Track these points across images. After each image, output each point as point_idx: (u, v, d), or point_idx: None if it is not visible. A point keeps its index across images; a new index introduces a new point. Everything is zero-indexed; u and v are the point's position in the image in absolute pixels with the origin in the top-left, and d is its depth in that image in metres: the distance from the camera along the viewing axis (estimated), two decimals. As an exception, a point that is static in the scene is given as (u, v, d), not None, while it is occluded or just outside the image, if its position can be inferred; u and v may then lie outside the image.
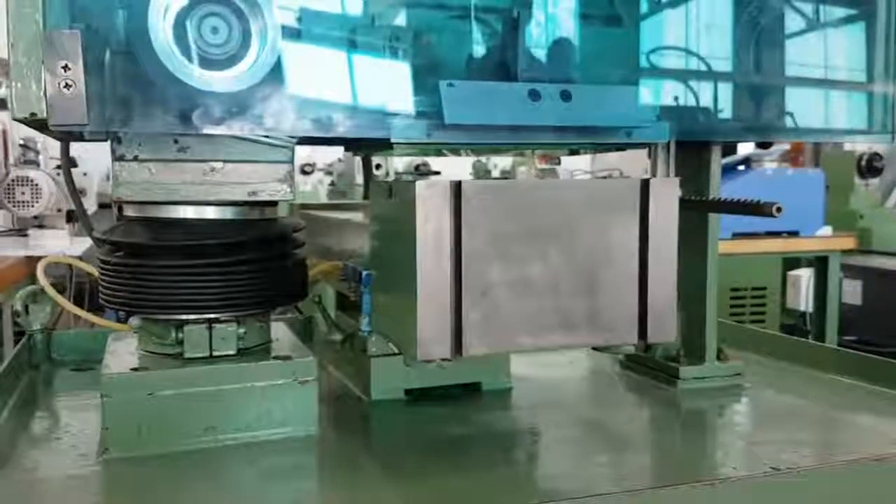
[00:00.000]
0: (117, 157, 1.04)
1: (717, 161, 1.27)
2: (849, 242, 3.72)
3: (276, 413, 1.09)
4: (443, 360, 0.93)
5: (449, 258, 0.92)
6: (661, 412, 1.28)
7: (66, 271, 3.57)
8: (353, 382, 1.36)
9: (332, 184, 6.28)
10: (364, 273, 1.08)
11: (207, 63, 0.88)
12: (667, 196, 1.00)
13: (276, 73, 0.90)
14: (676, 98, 1.10)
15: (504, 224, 0.94)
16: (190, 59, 0.88)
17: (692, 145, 1.25)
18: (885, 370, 1.39)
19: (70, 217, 3.88)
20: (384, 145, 0.98)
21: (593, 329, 0.99)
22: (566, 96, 0.96)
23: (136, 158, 1.04)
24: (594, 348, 1.06)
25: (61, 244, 3.63)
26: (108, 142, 1.05)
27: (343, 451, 1.10)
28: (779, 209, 1.03)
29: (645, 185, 0.99)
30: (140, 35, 0.86)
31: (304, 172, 6.46)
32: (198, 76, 0.87)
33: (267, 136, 1.04)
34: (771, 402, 1.34)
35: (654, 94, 1.08)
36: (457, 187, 0.92)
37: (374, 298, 1.08)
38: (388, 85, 0.98)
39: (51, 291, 1.42)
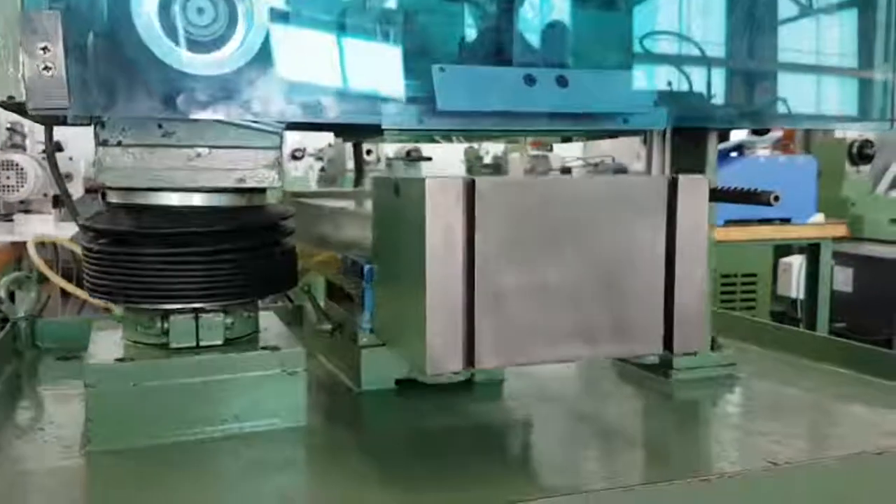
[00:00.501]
0: (101, 142, 1.01)
1: (713, 148, 1.25)
2: (841, 230, 3.72)
3: (264, 404, 1.07)
4: (454, 373, 0.88)
5: (461, 263, 0.86)
6: (655, 404, 1.27)
7: (52, 255, 3.53)
8: (343, 372, 1.34)
9: (323, 169, 6.24)
10: (366, 267, 1.04)
11: (192, 45, 0.85)
12: (696, 195, 0.93)
13: (263, 56, 0.87)
14: (674, 84, 1.07)
15: (520, 225, 0.88)
16: (174, 41, 0.85)
17: (688, 132, 1.23)
18: (875, 359, 1.39)
19: (56, 202, 3.83)
20: (374, 131, 0.95)
21: (616, 339, 0.92)
22: (562, 81, 0.93)
23: (119, 144, 1.01)
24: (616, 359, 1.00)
25: (47, 229, 3.59)
26: (92, 126, 1.02)
27: (332, 443, 1.08)
28: (776, 198, 1.01)
29: (673, 182, 0.93)
30: (122, 15, 0.83)
31: (294, 158, 6.41)
32: (182, 59, 0.84)
33: (254, 122, 1.02)
34: (764, 392, 1.33)
35: (652, 79, 1.05)
36: (470, 186, 0.86)
37: (376, 297, 1.03)
38: (378, 69, 0.95)
39: (42, 266, 1.40)
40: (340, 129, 1.22)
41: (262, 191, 1.13)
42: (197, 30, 0.86)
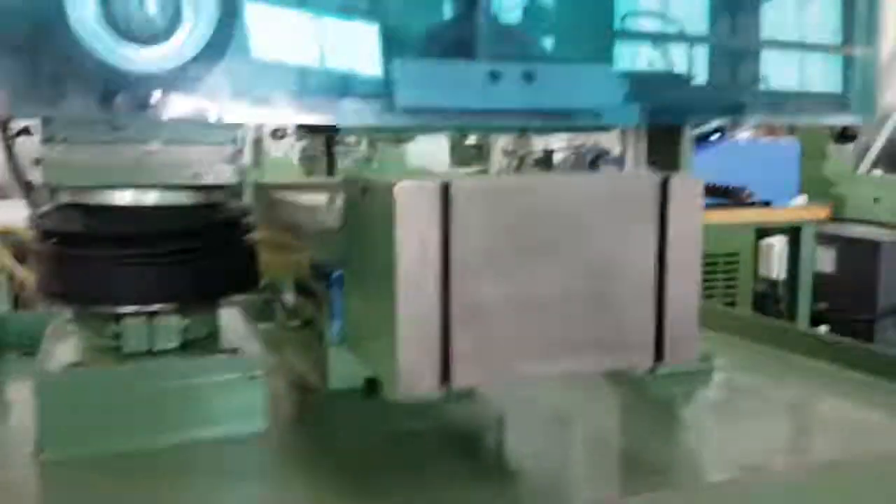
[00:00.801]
0: (46, 139, 0.97)
1: (688, 140, 1.21)
2: (822, 212, 3.71)
3: (224, 410, 1.03)
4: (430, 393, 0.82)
5: (435, 274, 0.79)
6: (630, 401, 1.24)
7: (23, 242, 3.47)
8: (310, 370, 1.30)
9: (304, 149, 6.17)
10: (334, 274, 0.98)
11: (134, 39, 0.80)
12: (689, 196, 0.87)
13: (210, 51, 0.82)
14: (646, 77, 1.03)
15: (500, 231, 0.82)
16: (113, 35, 0.80)
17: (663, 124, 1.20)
18: (853, 351, 1.37)
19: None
20: (333, 128, 0.91)
21: (603, 352, 0.87)
22: (529, 77, 0.88)
23: (65, 140, 0.97)
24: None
25: (18, 216, 3.51)
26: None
27: (296, 450, 1.04)
28: (748, 195, 0.98)
29: (664, 183, 0.87)
30: (54, 7, 0.77)
31: (275, 137, 6.32)
32: (122, 54, 0.79)
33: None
34: (742, 388, 1.31)
35: (623, 73, 1.00)
36: (444, 190, 0.79)
37: (346, 306, 0.97)
38: (335, 64, 0.91)
39: (6, 258, 1.36)
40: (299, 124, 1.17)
41: (221, 187, 1.08)
42: (137, 24, 0.80)
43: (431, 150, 5.00)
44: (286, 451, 1.04)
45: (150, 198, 1.02)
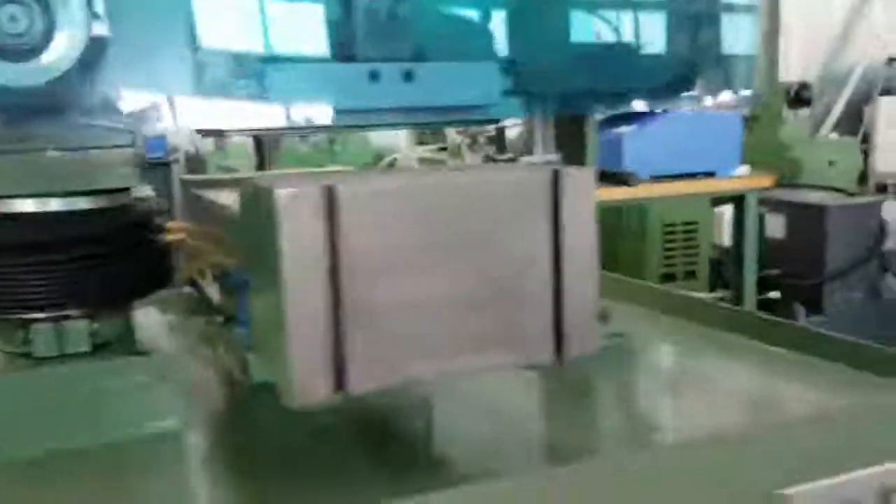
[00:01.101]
0: None
1: (591, 129, 1.23)
2: (767, 181, 3.75)
3: (137, 412, 1.04)
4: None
5: (324, 280, 0.79)
6: (542, 381, 1.27)
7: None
8: (234, 365, 1.32)
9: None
10: (236, 278, 0.98)
11: (7, 55, 0.80)
12: (582, 188, 0.87)
13: (85, 63, 0.83)
14: (526, 72, 1.05)
15: (391, 233, 0.81)
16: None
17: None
18: (759, 323, 1.39)
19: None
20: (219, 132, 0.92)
21: (503, 349, 0.86)
22: (408, 76, 0.90)
23: None
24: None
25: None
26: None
27: (211, 450, 1.06)
28: (635, 179, 1.00)
29: (555, 176, 0.86)
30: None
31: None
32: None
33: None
34: (652, 365, 1.34)
35: (504, 69, 1.02)
36: (329, 195, 0.78)
37: (250, 308, 0.96)
38: (210, 71, 0.91)
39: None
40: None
41: (125, 190, 1.09)
42: (10, 38, 0.81)
43: (392, 132, 5.01)
44: (202, 450, 1.06)
45: (53, 204, 1.03)
